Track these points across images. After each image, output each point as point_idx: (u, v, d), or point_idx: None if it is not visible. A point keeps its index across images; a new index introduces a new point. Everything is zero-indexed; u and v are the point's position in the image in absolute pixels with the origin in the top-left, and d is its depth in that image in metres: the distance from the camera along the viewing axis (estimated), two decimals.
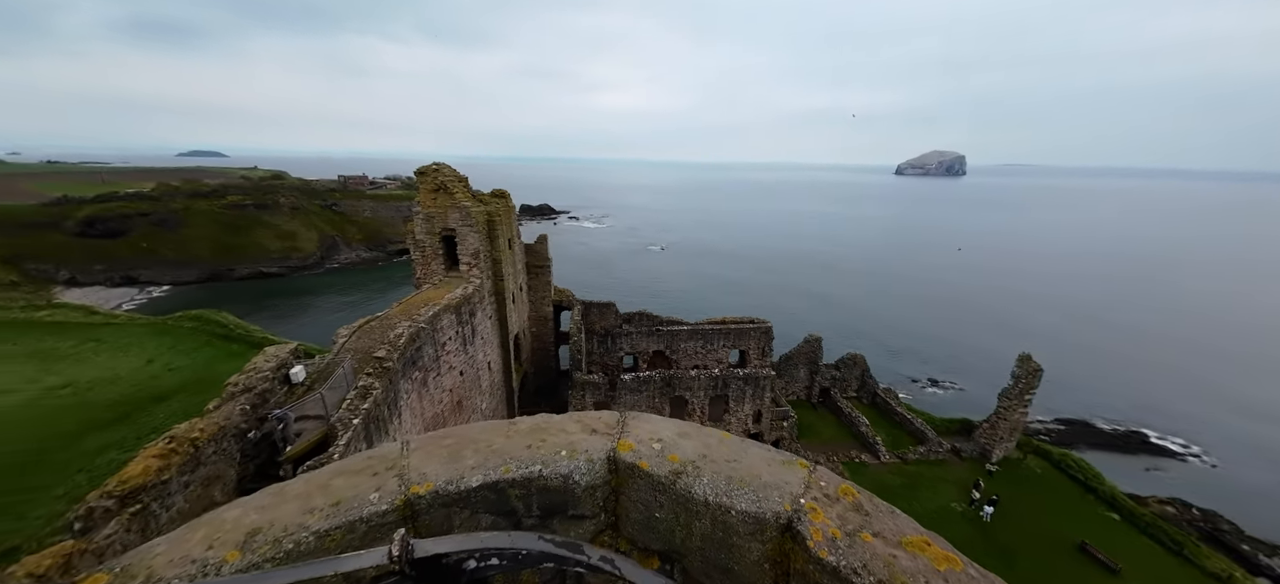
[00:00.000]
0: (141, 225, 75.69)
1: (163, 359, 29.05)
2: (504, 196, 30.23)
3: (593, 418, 2.31)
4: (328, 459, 13.12)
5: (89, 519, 8.97)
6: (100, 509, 9.31)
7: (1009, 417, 31.75)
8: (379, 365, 16.81)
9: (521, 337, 32.75)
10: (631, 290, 76.13)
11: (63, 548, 8.51)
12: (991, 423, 32.66)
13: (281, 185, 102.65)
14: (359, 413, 14.63)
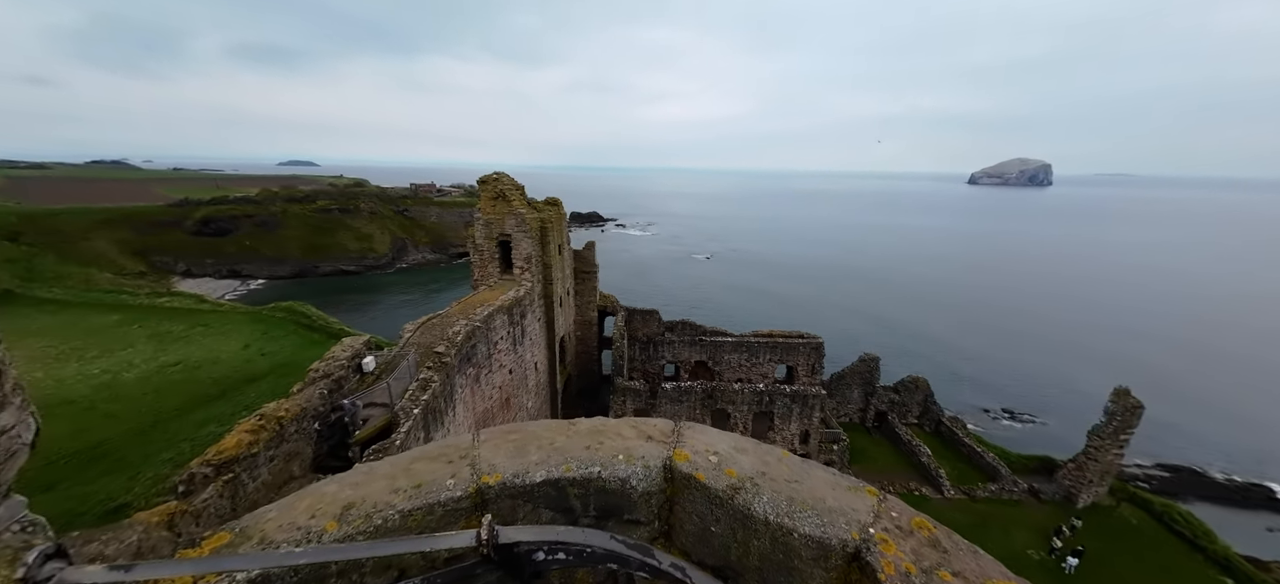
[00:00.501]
0: (246, 226, 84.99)
1: (257, 344, 32.24)
2: (556, 204, 31.27)
3: (648, 425, 2.33)
4: (391, 444, 13.95)
5: (190, 484, 9.99)
6: (200, 475, 10.38)
7: (1100, 458, 28.26)
8: (438, 360, 17.73)
9: (567, 339, 33.47)
10: (674, 299, 75.05)
11: (167, 508, 9.54)
12: (1079, 463, 29.16)
13: (362, 192, 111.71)
14: (419, 403, 15.45)
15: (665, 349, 34.75)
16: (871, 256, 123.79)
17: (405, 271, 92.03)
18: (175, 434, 20.69)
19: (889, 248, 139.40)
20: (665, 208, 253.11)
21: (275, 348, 32.05)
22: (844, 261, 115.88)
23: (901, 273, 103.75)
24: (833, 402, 35.47)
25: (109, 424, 21.24)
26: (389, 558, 1.56)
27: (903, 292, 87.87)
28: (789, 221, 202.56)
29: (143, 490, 16.57)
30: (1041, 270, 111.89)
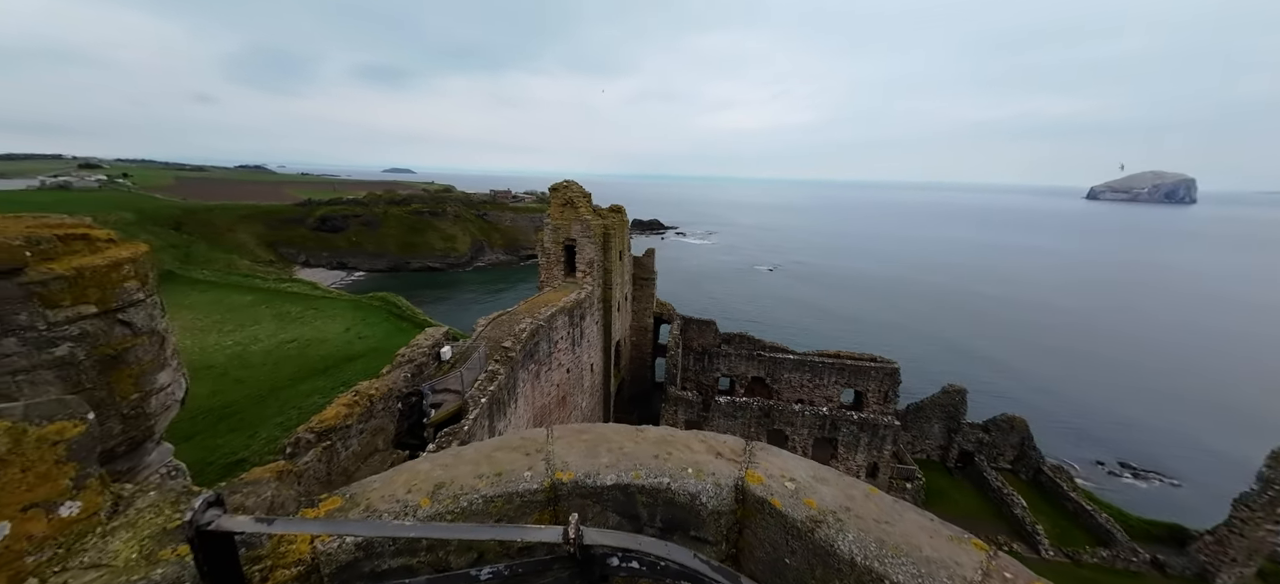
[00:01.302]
0: (354, 224, 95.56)
1: (356, 329, 35.92)
2: (619, 211, 31.87)
3: (717, 441, 2.24)
4: (459, 428, 14.74)
5: (296, 447, 11.20)
6: (304, 440, 11.61)
7: (1249, 533, 23.23)
8: (505, 354, 18.62)
9: (622, 344, 33.82)
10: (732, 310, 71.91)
11: (276, 466, 10.72)
12: (1220, 537, 24.12)
13: (449, 197, 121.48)
14: (486, 393, 16.27)
15: (721, 362, 33.67)
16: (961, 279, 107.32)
17: (481, 270, 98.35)
18: (287, 402, 23.47)
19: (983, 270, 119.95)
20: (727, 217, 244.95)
21: (370, 332, 35.48)
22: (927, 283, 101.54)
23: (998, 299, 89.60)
24: (908, 435, 32.19)
25: (237, 388, 24.57)
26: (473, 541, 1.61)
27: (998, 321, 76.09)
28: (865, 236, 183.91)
29: (258, 448, 18.90)
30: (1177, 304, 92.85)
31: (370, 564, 1.58)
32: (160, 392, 6.48)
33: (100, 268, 5.86)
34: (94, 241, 6.18)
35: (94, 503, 1.35)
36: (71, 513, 1.28)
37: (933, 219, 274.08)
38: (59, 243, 5.67)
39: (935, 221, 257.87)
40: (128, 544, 1.34)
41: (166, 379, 6.73)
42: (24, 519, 1.19)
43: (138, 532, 1.39)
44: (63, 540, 1.26)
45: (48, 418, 1.27)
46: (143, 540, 1.35)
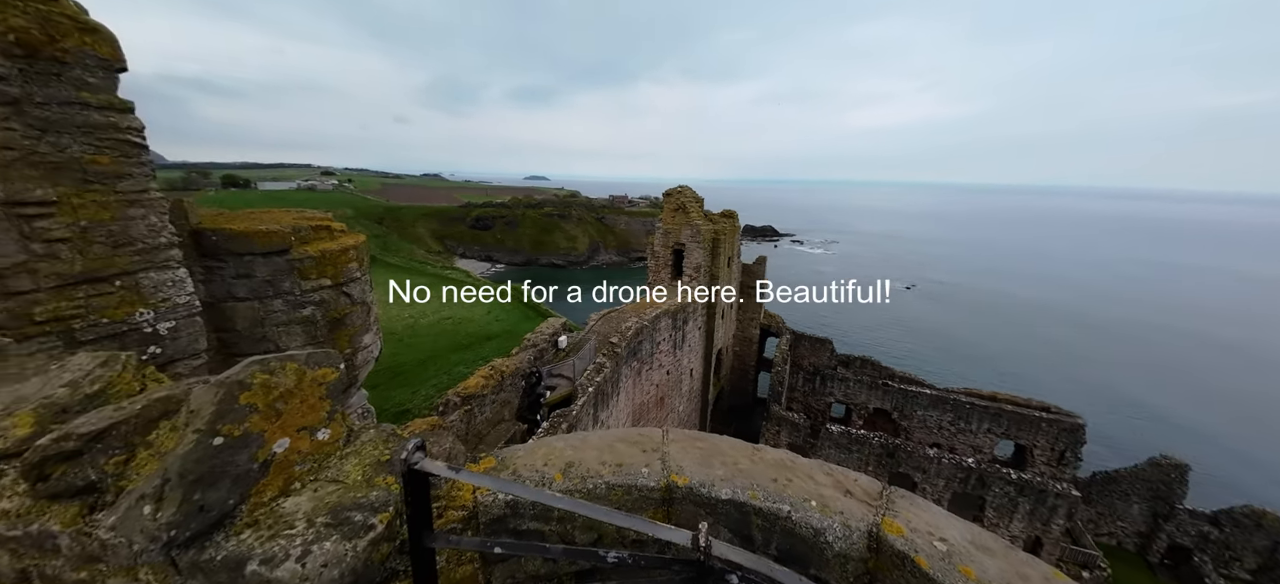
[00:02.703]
0: (499, 224, 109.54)
1: (494, 312, 41.01)
2: (732, 217, 31.08)
3: (846, 477, 2.04)
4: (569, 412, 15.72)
5: (446, 406, 13.07)
6: (452, 401, 13.51)
7: None
8: (611, 349, 19.48)
9: (724, 353, 32.95)
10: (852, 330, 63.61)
11: (430, 420, 12.61)
12: None
13: (574, 201, 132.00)
14: (593, 383, 17.18)
15: (835, 385, 30.34)
16: (1174, 316, 77.30)
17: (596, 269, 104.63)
18: (440, 368, 27.73)
19: (1208, 306, 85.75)
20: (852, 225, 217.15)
21: (504, 317, 40.17)
22: (1131, 321, 74.66)
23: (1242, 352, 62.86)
24: (1090, 510, 25.37)
25: (407, 352, 29.75)
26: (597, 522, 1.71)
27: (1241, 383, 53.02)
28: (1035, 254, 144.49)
29: (419, 403, 22.62)
30: None
31: (515, 522, 1.79)
32: (364, 349, 8.19)
33: (335, 251, 7.59)
34: (333, 231, 8.01)
35: (338, 432, 1.74)
36: (324, 438, 1.67)
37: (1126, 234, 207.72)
38: (311, 231, 7.47)
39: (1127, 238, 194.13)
40: (356, 468, 1.69)
41: (369, 340, 8.48)
42: (297, 438, 1.57)
43: (361, 459, 1.75)
44: (317, 458, 1.65)
45: (318, 364, 1.65)
46: (365, 467, 1.70)
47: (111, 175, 5.04)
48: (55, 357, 1.83)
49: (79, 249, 4.73)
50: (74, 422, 1.40)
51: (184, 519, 1.26)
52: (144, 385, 1.83)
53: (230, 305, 6.54)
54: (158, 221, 5.52)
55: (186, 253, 6.05)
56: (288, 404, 1.60)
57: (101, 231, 4.94)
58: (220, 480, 1.36)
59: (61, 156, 4.57)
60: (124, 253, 5.18)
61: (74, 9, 4.68)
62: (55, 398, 1.52)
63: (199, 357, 6.00)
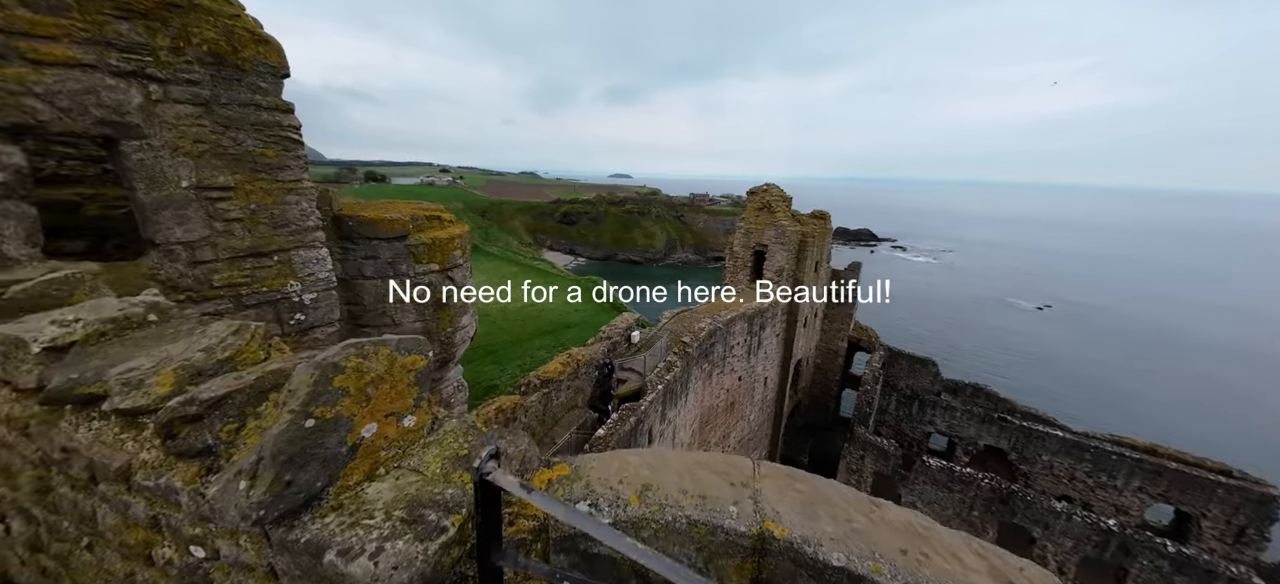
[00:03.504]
0: (583, 219, 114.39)
1: (573, 303, 42.85)
2: (824, 218, 28.72)
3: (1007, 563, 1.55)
4: (637, 407, 15.68)
5: (527, 387, 13.72)
6: (532, 383, 14.16)
7: None
8: (683, 349, 19.12)
9: (804, 364, 30.83)
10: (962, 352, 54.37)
11: (513, 398, 13.30)
12: None
13: (654, 199, 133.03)
14: (663, 381, 16.98)
15: (938, 414, 26.58)
16: None
17: (671, 267, 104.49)
18: (524, 350, 29.57)
19: None
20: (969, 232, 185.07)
21: (582, 308, 41.75)
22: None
23: None
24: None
25: (498, 333, 32.16)
26: None
27: None
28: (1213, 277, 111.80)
29: (505, 380, 24.30)
30: None
31: (586, 544, 1.61)
32: (462, 329, 8.84)
33: (443, 239, 8.22)
34: (443, 222, 8.69)
35: (423, 420, 1.67)
36: (410, 424, 1.60)
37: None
38: (425, 220, 8.14)
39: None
40: (435, 459, 1.61)
41: (467, 321, 9.14)
42: (385, 423, 1.51)
43: (442, 450, 1.66)
44: (402, 444, 1.58)
45: (408, 351, 1.59)
46: (444, 460, 1.61)
47: (275, 166, 5.87)
48: (202, 322, 2.01)
49: (248, 228, 5.58)
50: (200, 387, 1.47)
51: (273, 499, 1.24)
52: (268, 355, 1.94)
53: (359, 282, 7.37)
54: (308, 207, 6.34)
55: (328, 235, 6.90)
56: (378, 389, 1.57)
57: (265, 214, 5.78)
58: (310, 462, 1.34)
59: (238, 149, 5.41)
60: (281, 233, 6.02)
61: (252, 22, 5.49)
62: (193, 361, 1.63)
63: (333, 325, 6.84)
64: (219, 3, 5.11)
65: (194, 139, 5.04)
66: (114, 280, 4.56)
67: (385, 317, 7.59)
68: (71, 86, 3.92)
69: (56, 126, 3.89)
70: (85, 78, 4.01)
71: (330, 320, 6.72)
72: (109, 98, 4.26)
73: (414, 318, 7.68)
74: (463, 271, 8.72)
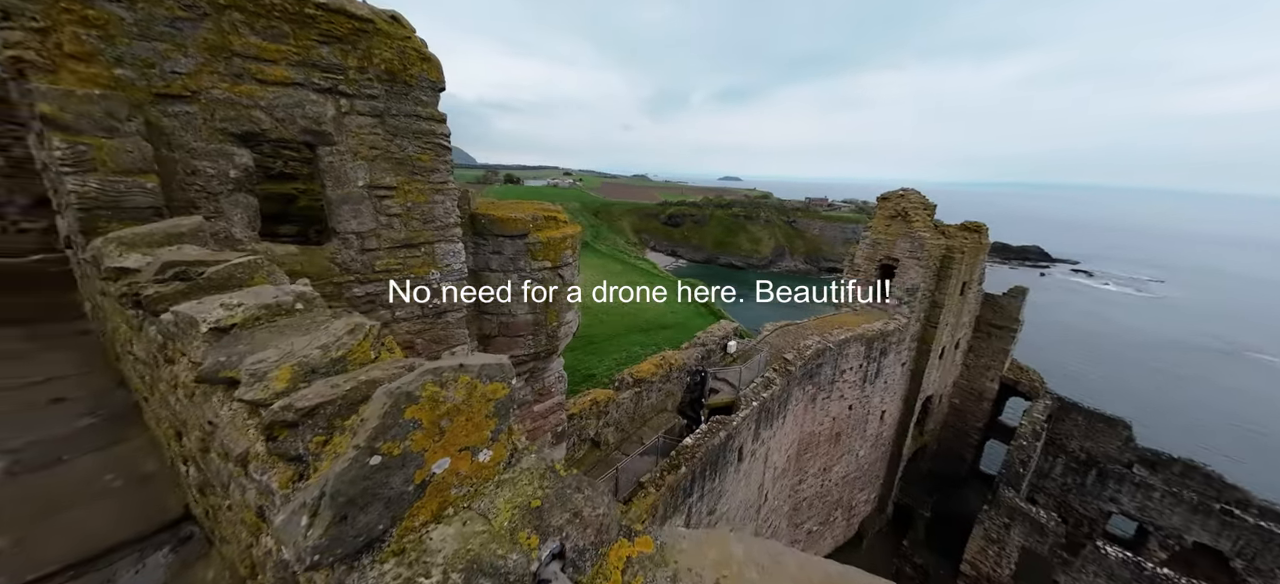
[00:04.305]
0: (687, 222, 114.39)
1: (670, 304, 42.92)
2: (977, 231, 23.63)
3: None
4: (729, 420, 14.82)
5: (620, 384, 13.86)
6: (625, 381, 14.27)
7: None
8: (784, 366, 17.57)
9: (935, 401, 26.30)
10: (1172, 417, 40.93)
11: (606, 392, 13.50)
12: None
13: (764, 203, 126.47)
14: (758, 398, 15.79)
15: (1124, 490, 20.33)
16: None
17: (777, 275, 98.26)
18: (621, 346, 30.40)
19: None
20: (1188, 257, 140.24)
21: (679, 310, 41.55)
22: None
23: None
24: None
25: (599, 327, 33.63)
26: None
27: None
28: None
29: (602, 372, 25.20)
30: None
31: None
32: (567, 324, 9.17)
33: (557, 238, 8.57)
34: (559, 222, 9.08)
35: (500, 455, 1.45)
36: (485, 459, 1.39)
37: None
38: (543, 220, 8.55)
39: None
40: (505, 506, 1.37)
41: (571, 316, 9.48)
42: (458, 458, 1.30)
43: (514, 495, 1.43)
44: (475, 482, 1.37)
45: (490, 378, 1.38)
46: (513, 510, 1.37)
47: (428, 169, 6.60)
48: (336, 315, 2.10)
49: (404, 222, 6.36)
50: (297, 393, 1.44)
51: (330, 543, 1.11)
52: (378, 355, 1.93)
53: (485, 274, 8.05)
54: (450, 206, 7.05)
55: (464, 231, 7.63)
56: (453, 421, 1.39)
57: (418, 211, 6.53)
58: (372, 504, 1.19)
59: (401, 154, 6.17)
60: (428, 227, 6.76)
61: (419, 43, 6.21)
62: (309, 358, 1.63)
63: (461, 310, 7.55)
64: (395, 27, 5.86)
65: (369, 146, 5.86)
66: (304, 261, 5.51)
67: (504, 307, 8.17)
68: (285, 101, 4.79)
69: (273, 134, 4.80)
70: (295, 94, 4.88)
71: (460, 306, 7.40)
72: (311, 110, 5.14)
73: (526, 310, 8.15)
74: (572, 269, 9.03)
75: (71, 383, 3.80)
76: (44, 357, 4.26)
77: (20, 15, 3.04)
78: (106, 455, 2.96)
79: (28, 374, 3.89)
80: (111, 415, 3.38)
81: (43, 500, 2.59)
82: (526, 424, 8.97)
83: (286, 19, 4.70)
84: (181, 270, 2.46)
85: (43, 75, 3.15)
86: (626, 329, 33.91)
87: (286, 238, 6.30)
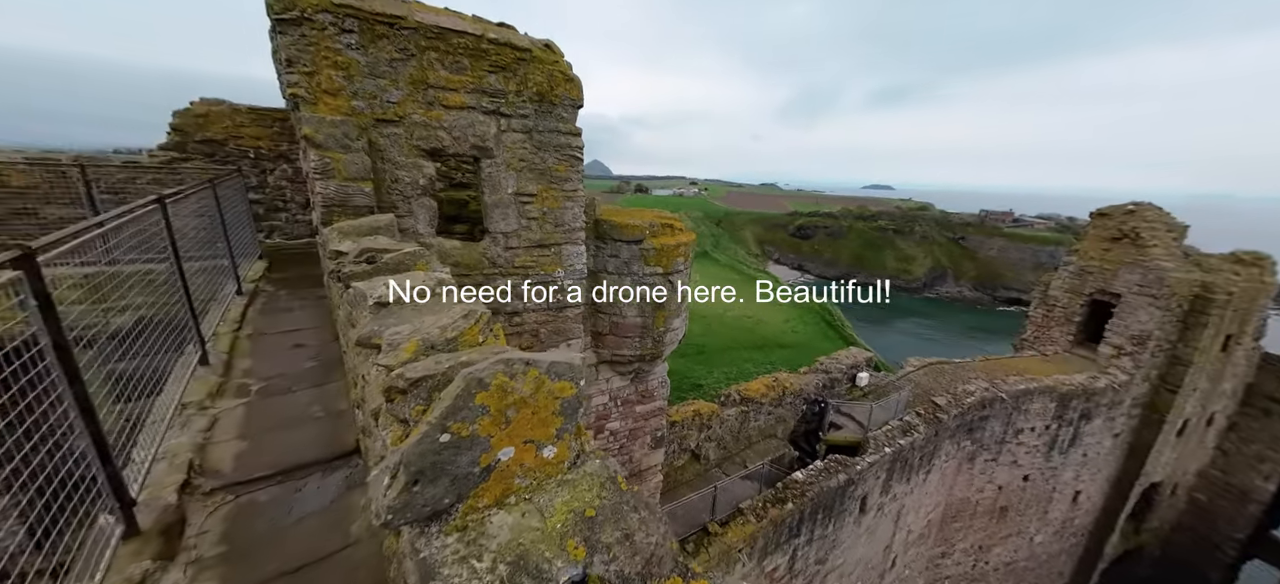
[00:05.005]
0: (820, 234, 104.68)
1: (792, 322, 39.78)
2: (1256, 265, 16.42)
3: None
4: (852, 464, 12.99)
5: (726, 400, 13.29)
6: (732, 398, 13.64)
7: None
8: (932, 411, 14.70)
9: (1165, 492, 19.10)
10: None
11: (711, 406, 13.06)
12: None
13: (922, 216, 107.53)
14: (893, 444, 13.51)
15: None
16: None
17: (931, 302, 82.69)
18: (731, 360, 29.30)
19: None
20: None
21: (801, 330, 38.21)
22: None
23: None
24: None
25: (710, 337, 32.99)
26: None
27: None
28: None
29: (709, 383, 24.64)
30: None
31: None
32: (673, 331, 9.19)
33: (670, 245, 8.64)
34: (675, 230, 9.15)
35: (563, 454, 1.46)
36: (549, 456, 1.41)
37: None
38: (660, 227, 8.70)
39: None
40: (561, 508, 1.36)
41: (678, 324, 9.47)
42: (523, 450, 1.34)
43: (572, 498, 1.41)
44: (537, 476, 1.40)
45: (559, 376, 1.39)
46: (567, 514, 1.35)
47: (562, 179, 7.30)
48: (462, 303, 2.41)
49: (540, 225, 7.15)
50: (410, 365, 1.66)
51: (402, 506, 1.24)
52: (484, 340, 2.15)
53: (602, 275, 8.57)
54: (578, 212, 7.69)
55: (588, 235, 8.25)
56: (519, 413, 1.44)
57: (551, 216, 7.28)
58: (440, 478, 1.30)
59: (542, 165, 6.95)
60: (558, 231, 7.48)
61: (566, 67, 6.91)
62: (431, 336, 1.89)
63: (581, 307, 8.17)
64: (548, 54, 6.63)
65: (519, 158, 6.73)
66: (464, 254, 6.58)
67: (616, 308, 8.57)
68: (461, 122, 5.81)
69: (451, 150, 5.86)
70: (468, 116, 5.88)
71: (578, 303, 8.01)
72: (479, 129, 6.13)
73: (636, 312, 8.41)
74: (683, 276, 9.00)
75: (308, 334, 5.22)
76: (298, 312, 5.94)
77: (299, 63, 4.31)
78: (318, 392, 3.97)
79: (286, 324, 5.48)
80: (326, 362, 4.52)
81: (275, 418, 3.59)
82: (627, 423, 9.21)
83: (467, 54, 5.70)
84: (371, 255, 3.14)
85: (308, 106, 4.41)
86: (739, 343, 32.58)
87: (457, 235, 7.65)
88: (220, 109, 8.89)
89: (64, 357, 2.10)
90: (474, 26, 5.55)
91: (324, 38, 4.51)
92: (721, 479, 11.65)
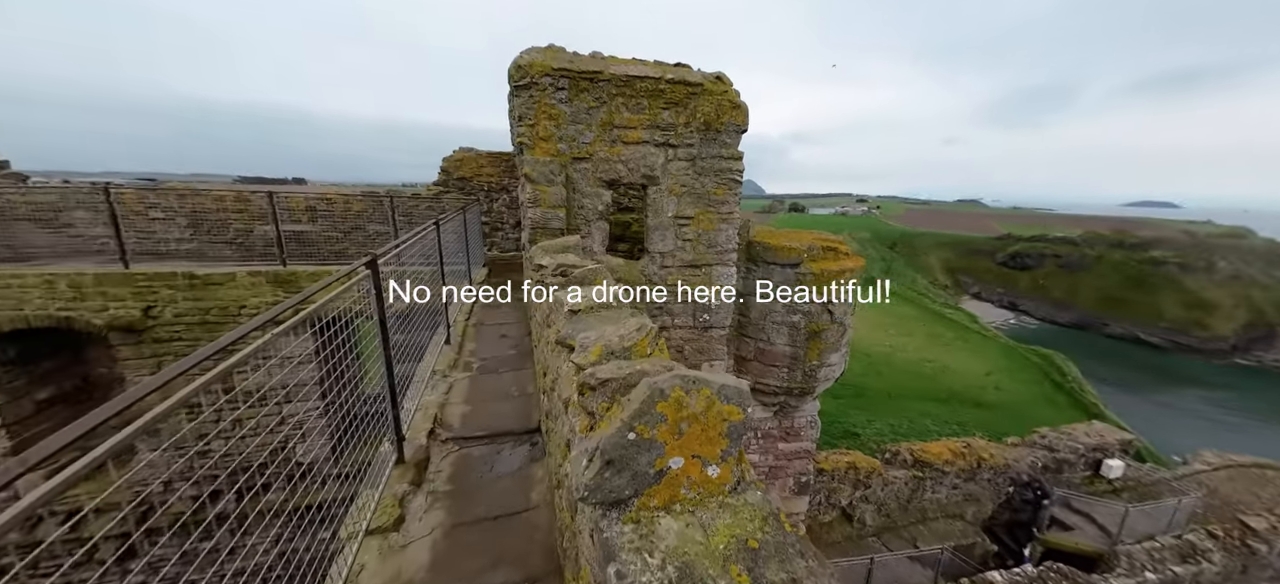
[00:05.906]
0: (1048, 264, 79.83)
1: (997, 376, 31.21)
2: None
3: None
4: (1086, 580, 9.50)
5: (893, 458, 11.25)
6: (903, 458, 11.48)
7: None
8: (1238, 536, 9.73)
9: None
10: None
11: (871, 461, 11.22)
12: None
13: (1233, 246, 72.91)
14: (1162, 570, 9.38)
15: None
16: None
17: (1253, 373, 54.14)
18: (902, 411, 24.52)
19: None
20: None
21: (1012, 388, 29.63)
22: None
23: None
24: None
25: (875, 380, 28.35)
26: None
27: None
28: None
29: (870, 434, 21.15)
30: None
31: None
32: (829, 366, 8.31)
33: (832, 270, 7.91)
34: (838, 253, 8.36)
35: (727, 476, 1.54)
36: (713, 474, 1.50)
37: None
38: (821, 251, 8.06)
39: None
40: (724, 530, 1.44)
41: (835, 359, 8.51)
42: (690, 463, 1.47)
43: (733, 522, 1.47)
44: (701, 491, 1.50)
45: (729, 399, 1.48)
46: (731, 539, 1.42)
47: (719, 202, 7.48)
48: (634, 314, 2.73)
49: (694, 246, 7.46)
50: (599, 366, 1.97)
51: (594, 487, 1.47)
52: (651, 353, 2.40)
53: (750, 298, 8.38)
54: (732, 234, 7.74)
55: (739, 257, 8.21)
56: (690, 427, 1.57)
57: (705, 238, 7.52)
58: (625, 470, 1.50)
59: (702, 189, 7.25)
60: (711, 252, 7.66)
61: (734, 95, 7.11)
62: (610, 343, 2.22)
63: (725, 328, 8.14)
64: (717, 85, 6.95)
65: (681, 184, 7.19)
66: (626, 271, 7.30)
67: (762, 333, 8.23)
68: (634, 155, 6.54)
69: (624, 180, 6.63)
70: (642, 150, 6.59)
71: (724, 324, 7.99)
72: (649, 161, 6.79)
73: (787, 341, 7.92)
74: (845, 308, 8.09)
75: (512, 326, 6.54)
76: (507, 310, 7.48)
77: (526, 118, 5.53)
78: (515, 375, 4.95)
79: (497, 318, 6.96)
80: (522, 351, 5.60)
81: (487, 391, 4.61)
82: (767, 459, 8.69)
83: (646, 95, 6.41)
84: (564, 270, 3.82)
85: (529, 151, 5.61)
86: (912, 392, 27.15)
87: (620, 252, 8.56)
88: (470, 155, 12.02)
89: (382, 329, 3.16)
90: (655, 70, 6.20)
91: (543, 96, 5.70)
92: (881, 553, 9.86)
